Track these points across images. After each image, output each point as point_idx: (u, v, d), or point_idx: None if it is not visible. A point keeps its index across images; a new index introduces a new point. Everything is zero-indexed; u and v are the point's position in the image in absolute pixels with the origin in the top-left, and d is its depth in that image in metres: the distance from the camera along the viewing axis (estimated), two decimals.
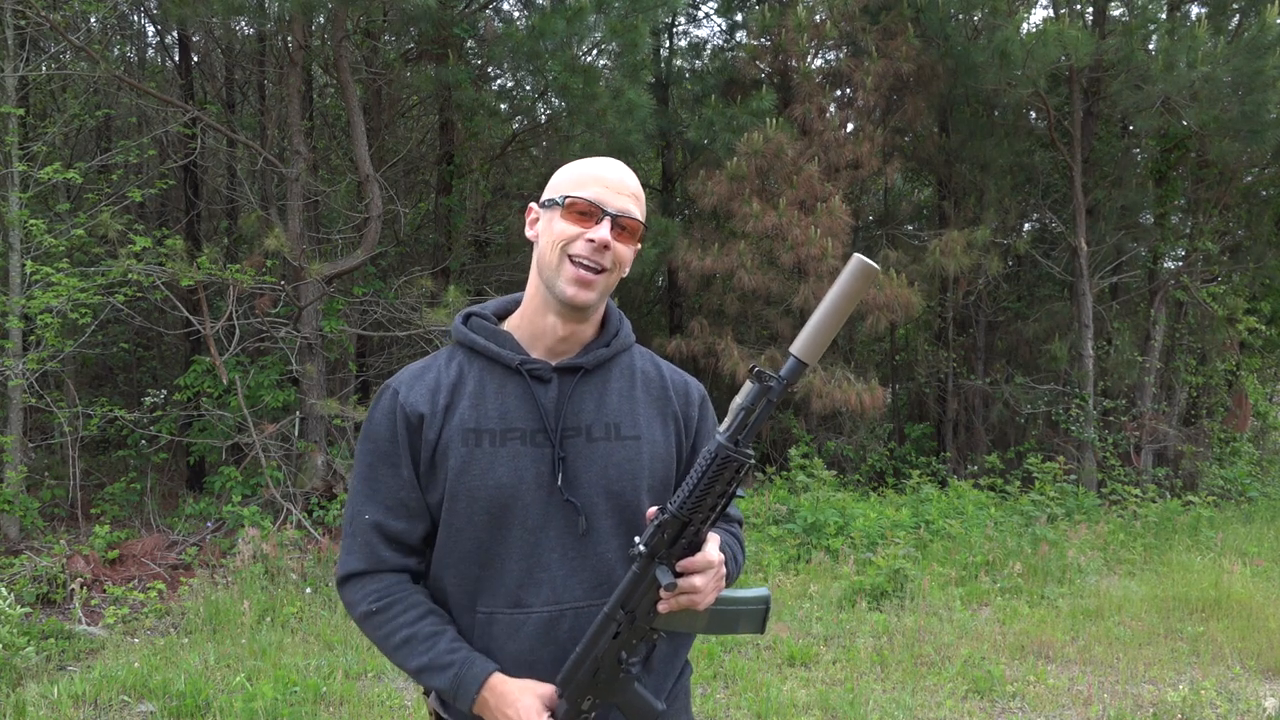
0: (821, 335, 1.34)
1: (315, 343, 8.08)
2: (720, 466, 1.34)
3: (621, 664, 1.46)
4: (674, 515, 1.37)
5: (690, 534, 1.39)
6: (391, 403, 1.58)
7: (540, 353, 1.61)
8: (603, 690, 1.47)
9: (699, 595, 1.43)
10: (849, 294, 1.33)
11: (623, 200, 1.56)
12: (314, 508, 7.62)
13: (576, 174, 1.59)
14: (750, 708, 4.52)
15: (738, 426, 1.34)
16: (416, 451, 1.57)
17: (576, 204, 1.55)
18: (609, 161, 1.61)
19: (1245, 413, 12.32)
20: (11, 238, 7.12)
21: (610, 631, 1.45)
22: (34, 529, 7.04)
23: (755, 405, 1.34)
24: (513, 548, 1.54)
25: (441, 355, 1.66)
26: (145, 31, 12.09)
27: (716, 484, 1.35)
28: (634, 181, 1.61)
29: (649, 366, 1.70)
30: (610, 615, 1.44)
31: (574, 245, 1.54)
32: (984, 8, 9.35)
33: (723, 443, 1.34)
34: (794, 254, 8.95)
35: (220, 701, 4.42)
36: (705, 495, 1.36)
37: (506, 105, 10.78)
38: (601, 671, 1.46)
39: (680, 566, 1.41)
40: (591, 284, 1.55)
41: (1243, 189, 11.38)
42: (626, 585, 1.43)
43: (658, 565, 1.40)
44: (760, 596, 1.54)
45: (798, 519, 7.84)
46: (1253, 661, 5.33)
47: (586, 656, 1.46)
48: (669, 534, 1.39)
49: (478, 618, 1.55)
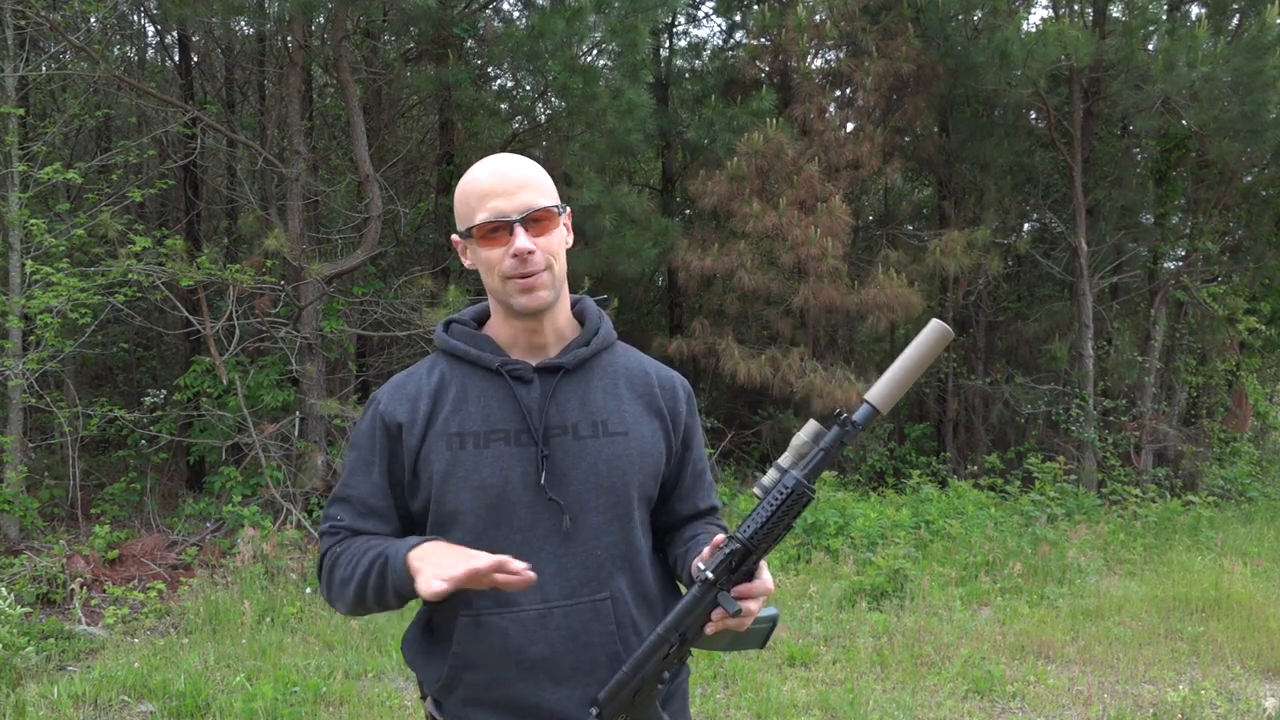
0: (898, 387, 1.45)
1: (315, 343, 8.08)
2: (793, 501, 1.41)
3: (662, 684, 1.48)
4: (743, 544, 1.41)
5: (751, 562, 1.43)
6: (374, 413, 1.62)
7: (520, 354, 1.62)
8: (639, 712, 1.49)
9: (746, 619, 1.46)
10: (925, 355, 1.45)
11: (520, 198, 1.53)
12: (314, 508, 7.62)
13: (466, 198, 1.57)
14: (750, 708, 4.52)
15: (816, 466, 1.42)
16: (397, 459, 1.59)
17: (483, 229, 1.54)
18: (487, 165, 1.58)
19: (1245, 413, 12.32)
20: (11, 238, 7.12)
21: (662, 653, 1.46)
22: (34, 529, 7.04)
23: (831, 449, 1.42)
24: (501, 548, 1.53)
25: (424, 364, 1.68)
26: (145, 31, 12.10)
27: (787, 517, 1.41)
28: (519, 169, 1.56)
29: (633, 364, 1.70)
30: (664, 637, 1.46)
31: (503, 266, 1.54)
32: (984, 8, 9.35)
33: (800, 478, 1.41)
34: (794, 254, 8.95)
35: (220, 701, 4.42)
36: (775, 527, 1.41)
37: (506, 105, 10.78)
38: (641, 693, 1.48)
39: (740, 593, 1.44)
40: (535, 286, 1.55)
41: (1243, 189, 11.37)
42: (685, 608, 1.45)
43: (720, 591, 1.43)
44: (770, 616, 1.56)
45: (798, 519, 7.83)
46: (1253, 661, 5.32)
47: (634, 676, 1.47)
48: (735, 562, 1.42)
49: (463, 619, 1.55)
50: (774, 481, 1.42)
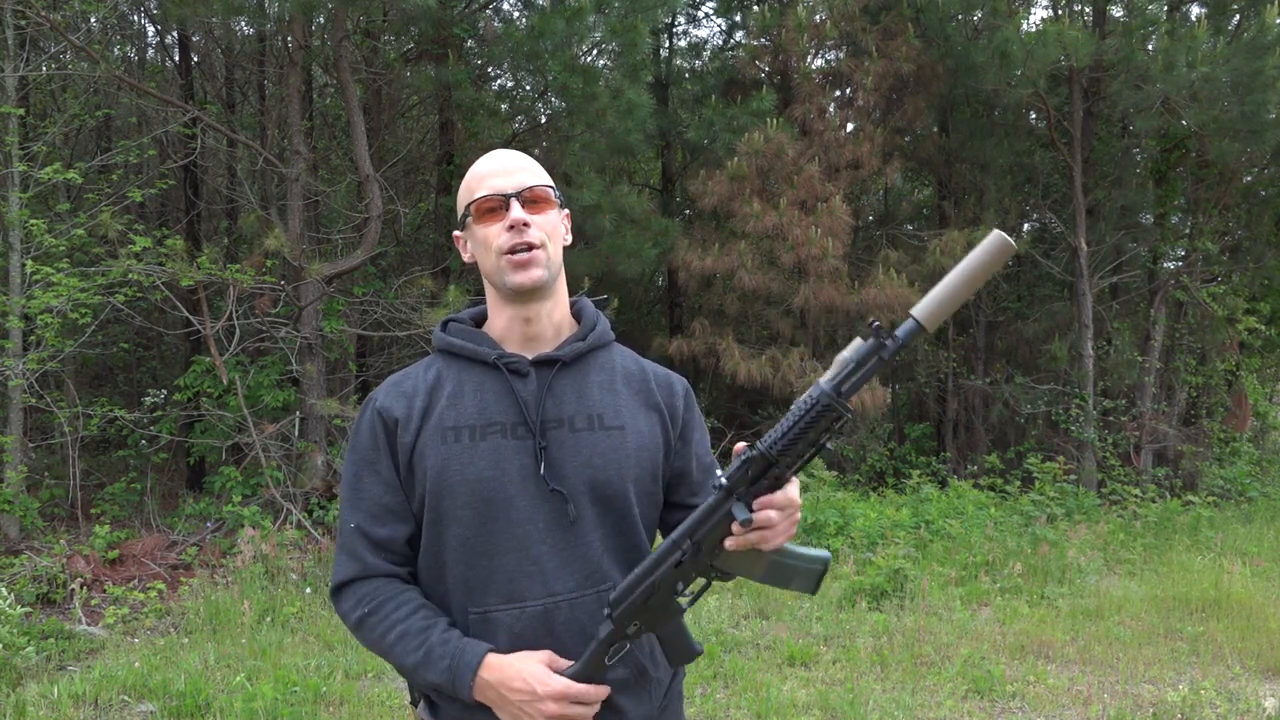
0: (947, 303, 1.29)
1: (315, 343, 8.08)
2: (820, 413, 1.31)
3: (676, 594, 1.45)
4: (762, 454, 1.35)
5: (773, 476, 1.37)
6: (371, 412, 1.62)
7: (515, 348, 1.62)
8: (651, 617, 1.46)
9: (771, 533, 1.41)
10: (984, 265, 1.28)
11: (517, 178, 1.59)
12: (314, 508, 7.63)
13: (468, 184, 1.63)
14: (750, 708, 4.52)
15: (844, 378, 1.31)
16: (395, 455, 1.58)
17: (480, 205, 1.59)
18: (489, 155, 1.64)
19: (1245, 413, 12.32)
20: (11, 238, 7.12)
21: (674, 559, 1.43)
22: (34, 529, 7.04)
23: (866, 361, 1.30)
24: (502, 542, 1.53)
25: (421, 364, 1.68)
26: (145, 31, 12.10)
27: (811, 430, 1.33)
28: (519, 158, 1.63)
29: (629, 362, 1.70)
30: (676, 543, 1.43)
31: (499, 241, 1.57)
32: (984, 8, 9.35)
33: (826, 389, 1.31)
34: (794, 254, 8.96)
35: (220, 701, 4.42)
36: (798, 439, 1.33)
37: (506, 105, 10.78)
38: (655, 598, 1.44)
39: (759, 503, 1.39)
40: (530, 262, 1.56)
41: (1243, 189, 11.38)
42: (699, 515, 1.42)
43: (734, 501, 1.38)
44: (821, 557, 1.52)
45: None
46: (1253, 661, 5.32)
47: (644, 580, 1.44)
48: (752, 472, 1.37)
49: (472, 617, 1.54)
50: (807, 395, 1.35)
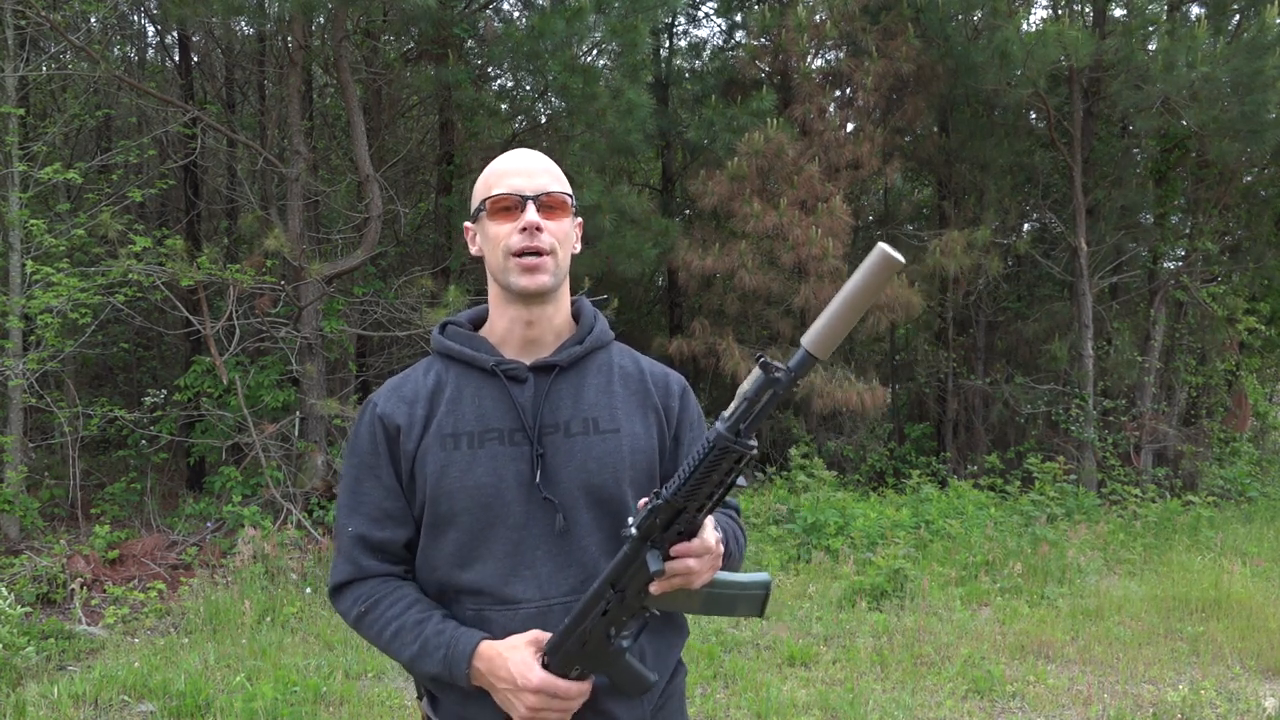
0: (836, 329, 1.24)
1: (315, 343, 8.08)
2: (719, 455, 1.30)
3: (610, 638, 1.45)
4: (667, 502, 1.35)
5: (685, 521, 1.37)
6: (371, 416, 1.62)
7: (514, 353, 1.62)
8: (591, 662, 1.47)
9: (693, 576, 1.42)
10: (868, 287, 1.22)
11: (537, 181, 1.58)
12: (314, 508, 7.63)
13: (487, 179, 1.62)
14: (750, 708, 4.52)
15: (740, 415, 1.28)
16: (397, 461, 1.59)
17: (496, 203, 1.58)
18: (514, 152, 1.63)
19: (1245, 413, 12.32)
20: (11, 238, 7.12)
21: (599, 609, 1.44)
22: (34, 529, 7.04)
23: (760, 396, 1.27)
24: (496, 547, 1.55)
25: (420, 366, 1.68)
26: (145, 31, 12.10)
27: (714, 473, 1.31)
28: (542, 161, 1.62)
29: (627, 362, 1.70)
30: (599, 593, 1.44)
31: (510, 241, 1.56)
32: (984, 8, 9.35)
33: (722, 431, 1.28)
34: (794, 254, 8.96)
35: (220, 701, 4.42)
36: (701, 483, 1.32)
37: (506, 105, 10.78)
38: (589, 645, 1.45)
39: (676, 551, 1.39)
40: (538, 267, 1.56)
41: (1243, 189, 11.38)
42: (617, 565, 1.43)
43: (648, 549, 1.38)
44: (761, 581, 1.52)
45: (798, 519, 7.84)
46: (1253, 661, 5.33)
47: (574, 629, 1.46)
48: (661, 519, 1.37)
49: (469, 613, 1.56)
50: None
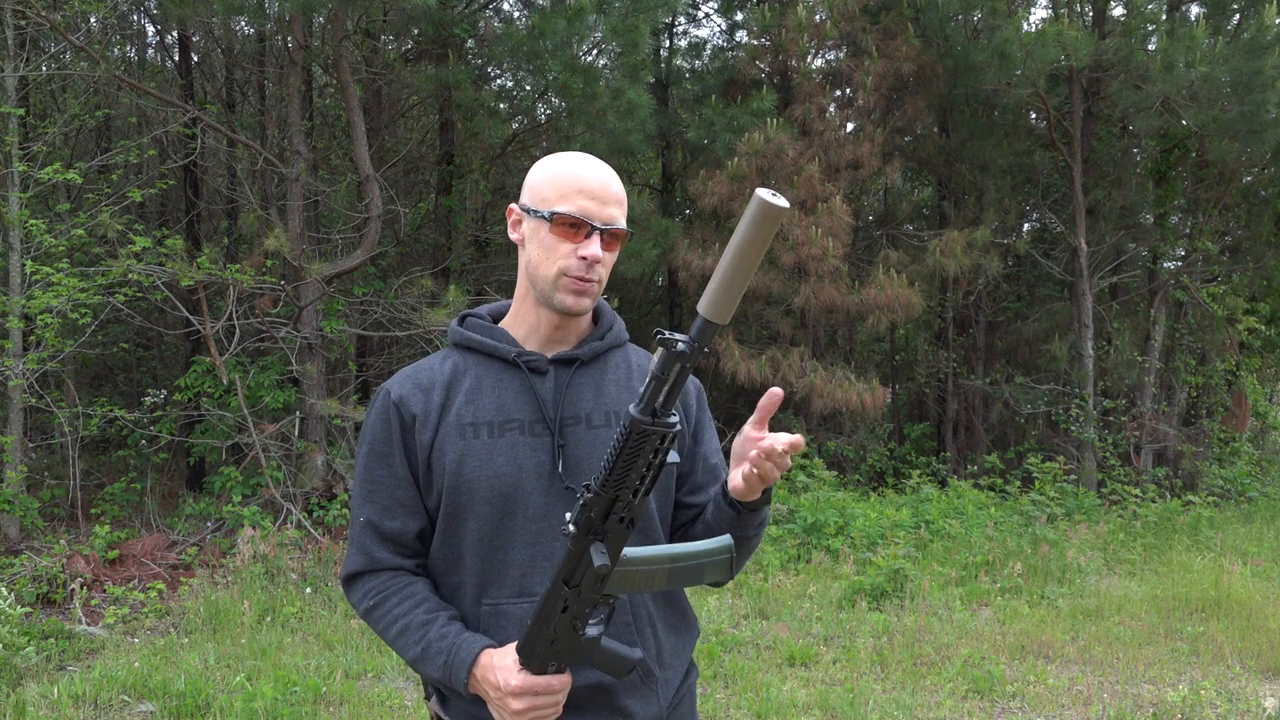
0: (729, 290, 1.20)
1: (315, 343, 8.08)
2: (639, 441, 1.28)
3: (577, 631, 1.45)
4: (597, 494, 1.35)
5: (621, 509, 1.36)
6: (385, 403, 1.61)
7: (535, 346, 1.63)
8: (565, 656, 1.47)
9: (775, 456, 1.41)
10: (755, 240, 1.17)
11: (609, 210, 1.55)
12: (314, 508, 7.63)
13: (559, 183, 1.56)
14: (750, 708, 4.52)
15: (650, 396, 1.26)
16: (412, 451, 1.58)
17: (564, 219, 1.54)
18: (589, 164, 1.58)
19: (1245, 413, 12.33)
20: (11, 238, 7.12)
21: (558, 607, 1.44)
22: (34, 529, 7.04)
23: (667, 373, 1.25)
24: (516, 537, 1.54)
25: (436, 357, 1.67)
26: (145, 31, 12.11)
27: (638, 458, 1.31)
28: (617, 184, 1.59)
29: (644, 361, 1.72)
30: (554, 592, 1.44)
31: (567, 263, 1.55)
32: (984, 8, 9.35)
33: (635, 416, 1.27)
34: (795, 254, 8.95)
35: (220, 701, 4.42)
36: (628, 470, 1.32)
37: (506, 105, 10.79)
38: (558, 642, 1.45)
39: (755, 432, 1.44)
40: (586, 292, 1.57)
41: (1242, 189, 11.38)
42: (564, 562, 1.42)
43: (592, 542, 1.38)
44: (724, 545, 1.51)
45: (798, 519, 7.84)
46: (1253, 661, 5.33)
47: (541, 630, 1.45)
48: (597, 512, 1.36)
49: (484, 609, 1.55)
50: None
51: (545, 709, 1.46)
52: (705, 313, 1.23)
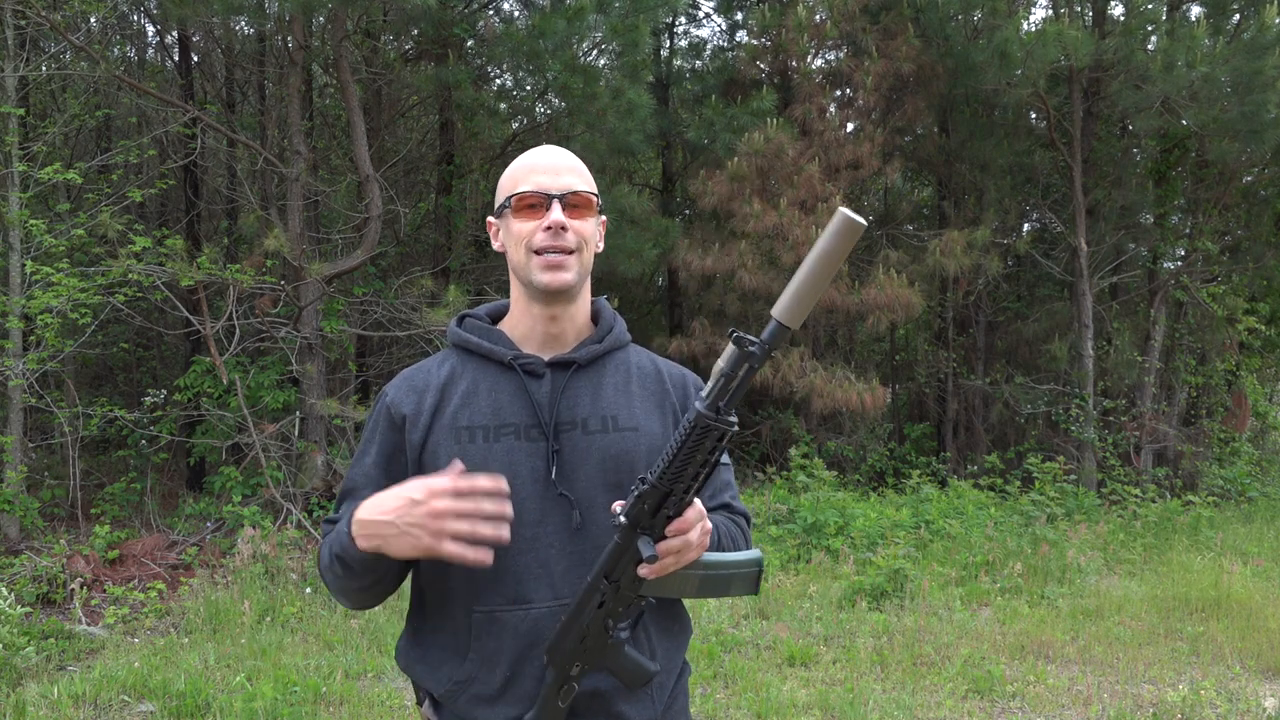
0: (804, 298, 1.26)
1: (315, 343, 8.08)
2: (700, 435, 1.30)
3: (608, 631, 1.45)
4: (653, 486, 1.35)
5: (673, 504, 1.37)
6: (380, 404, 1.63)
7: (534, 348, 1.62)
8: (591, 657, 1.46)
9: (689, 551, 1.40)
10: (834, 253, 1.23)
11: (564, 179, 1.58)
12: (314, 508, 7.63)
13: (513, 174, 1.61)
14: (750, 708, 4.52)
15: (718, 393, 1.29)
16: (399, 450, 1.59)
17: (522, 200, 1.57)
18: (540, 149, 1.63)
19: (1245, 413, 12.33)
20: (11, 238, 7.12)
21: (595, 602, 1.43)
22: (34, 529, 7.04)
23: (736, 372, 1.28)
24: (512, 544, 1.52)
25: (435, 358, 1.68)
26: (145, 31, 12.10)
27: (697, 453, 1.31)
28: (569, 159, 1.62)
29: (644, 362, 1.71)
30: (594, 585, 1.43)
31: (534, 239, 1.56)
32: (984, 8, 9.36)
33: (701, 410, 1.29)
34: (795, 254, 8.95)
35: (220, 701, 4.42)
36: (686, 465, 1.32)
37: (506, 105, 10.79)
38: (588, 639, 1.45)
39: (669, 530, 1.38)
40: (562, 265, 1.56)
41: (1242, 189, 11.38)
42: (609, 556, 1.42)
43: (640, 536, 1.38)
44: (753, 559, 1.53)
45: (798, 519, 7.84)
46: (1253, 661, 5.33)
47: (572, 626, 1.45)
48: (649, 504, 1.36)
49: (476, 616, 1.54)
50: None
51: (467, 510, 1.38)
52: (780, 317, 1.27)
